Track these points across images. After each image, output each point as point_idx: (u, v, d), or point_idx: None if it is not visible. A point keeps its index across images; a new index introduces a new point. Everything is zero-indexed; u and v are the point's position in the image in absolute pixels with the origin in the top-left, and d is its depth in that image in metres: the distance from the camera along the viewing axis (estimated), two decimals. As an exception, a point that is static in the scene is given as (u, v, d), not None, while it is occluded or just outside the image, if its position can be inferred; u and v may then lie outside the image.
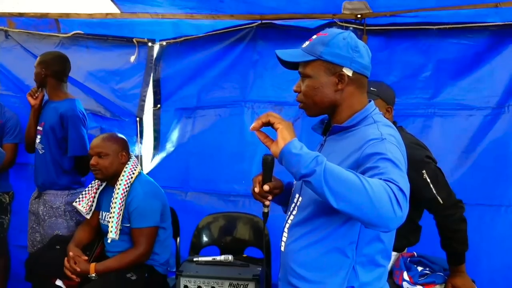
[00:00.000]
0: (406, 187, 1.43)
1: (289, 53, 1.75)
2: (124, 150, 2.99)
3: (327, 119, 1.82)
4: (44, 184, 3.37)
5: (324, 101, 1.70)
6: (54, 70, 3.36)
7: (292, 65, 1.78)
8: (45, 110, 3.41)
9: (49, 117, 3.34)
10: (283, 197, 1.88)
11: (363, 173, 1.47)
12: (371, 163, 1.49)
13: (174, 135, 3.90)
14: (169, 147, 3.92)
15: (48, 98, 3.46)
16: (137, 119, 3.92)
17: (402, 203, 1.38)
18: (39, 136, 3.39)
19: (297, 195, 1.78)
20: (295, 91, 1.76)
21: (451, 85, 3.29)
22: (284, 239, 1.79)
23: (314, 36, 1.73)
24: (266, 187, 1.74)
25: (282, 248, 1.80)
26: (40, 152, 3.37)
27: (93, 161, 2.93)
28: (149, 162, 3.97)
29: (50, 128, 3.31)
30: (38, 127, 3.40)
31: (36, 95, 3.40)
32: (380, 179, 1.41)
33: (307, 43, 1.74)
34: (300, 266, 1.71)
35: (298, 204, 1.76)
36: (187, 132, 3.87)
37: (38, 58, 3.42)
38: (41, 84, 3.40)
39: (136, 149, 3.91)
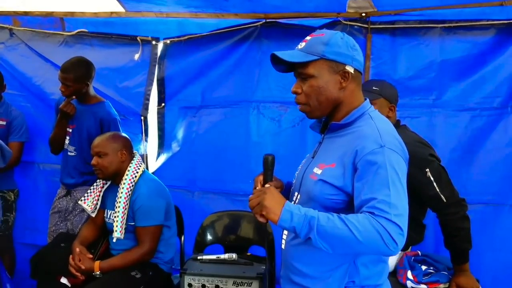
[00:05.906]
0: (402, 212, 1.52)
1: (289, 54, 1.74)
2: (124, 149, 2.97)
3: (324, 118, 1.83)
4: (76, 184, 3.40)
5: (329, 100, 1.71)
6: (91, 80, 3.36)
7: (284, 68, 1.78)
8: (76, 112, 3.35)
9: (83, 120, 3.35)
10: (284, 195, 1.88)
11: (362, 185, 1.55)
12: (369, 176, 1.55)
13: (179, 134, 3.90)
14: (175, 146, 3.91)
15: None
16: (142, 117, 3.91)
17: (396, 238, 1.49)
18: (68, 138, 3.40)
19: (296, 193, 1.80)
20: (295, 93, 1.75)
21: (456, 83, 3.29)
22: (284, 236, 1.81)
23: (308, 37, 1.74)
24: (267, 186, 1.75)
25: (283, 246, 1.82)
26: (71, 154, 3.39)
27: (93, 161, 2.93)
28: (154, 161, 3.97)
29: (86, 130, 3.33)
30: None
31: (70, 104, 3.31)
32: (373, 213, 1.50)
33: (302, 44, 1.74)
34: (301, 262, 1.73)
35: (296, 201, 1.78)
36: (193, 131, 3.87)
37: (69, 74, 3.23)
38: (76, 94, 3.30)
39: (141, 148, 3.92)
